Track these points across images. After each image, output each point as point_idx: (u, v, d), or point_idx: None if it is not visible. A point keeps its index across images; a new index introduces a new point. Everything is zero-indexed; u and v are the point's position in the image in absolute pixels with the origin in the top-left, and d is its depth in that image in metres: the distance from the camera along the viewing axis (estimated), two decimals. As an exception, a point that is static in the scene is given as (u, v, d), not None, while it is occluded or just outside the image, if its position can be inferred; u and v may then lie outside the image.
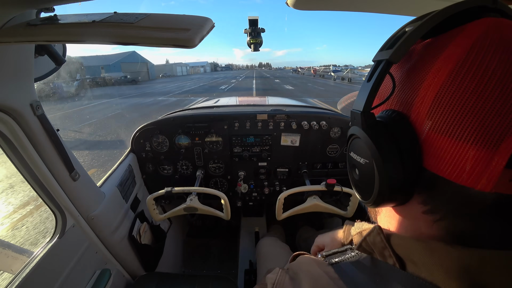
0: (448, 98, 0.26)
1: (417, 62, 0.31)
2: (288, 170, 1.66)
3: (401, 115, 0.30)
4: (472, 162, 0.24)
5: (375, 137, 0.30)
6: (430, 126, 0.27)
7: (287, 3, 0.70)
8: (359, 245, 0.37)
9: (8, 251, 1.02)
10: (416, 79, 0.30)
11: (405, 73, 0.32)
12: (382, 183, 0.30)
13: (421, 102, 0.28)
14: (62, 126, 6.33)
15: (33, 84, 0.76)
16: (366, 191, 0.34)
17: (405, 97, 0.31)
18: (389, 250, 0.31)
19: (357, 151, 0.34)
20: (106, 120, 8.45)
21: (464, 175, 0.24)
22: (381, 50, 0.33)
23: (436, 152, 0.26)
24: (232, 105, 2.14)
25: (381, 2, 0.74)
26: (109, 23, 0.51)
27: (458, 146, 0.25)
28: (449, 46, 0.28)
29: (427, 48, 0.31)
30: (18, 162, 0.80)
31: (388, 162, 0.29)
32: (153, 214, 1.27)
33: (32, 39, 0.55)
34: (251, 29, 0.90)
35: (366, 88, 0.31)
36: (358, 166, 0.34)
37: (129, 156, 1.52)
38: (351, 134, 0.35)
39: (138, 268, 1.32)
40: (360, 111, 0.31)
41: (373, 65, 0.32)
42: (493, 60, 0.24)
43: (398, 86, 0.32)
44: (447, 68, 0.26)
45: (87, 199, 1.01)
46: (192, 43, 0.47)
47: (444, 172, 0.26)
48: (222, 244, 2.17)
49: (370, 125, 0.31)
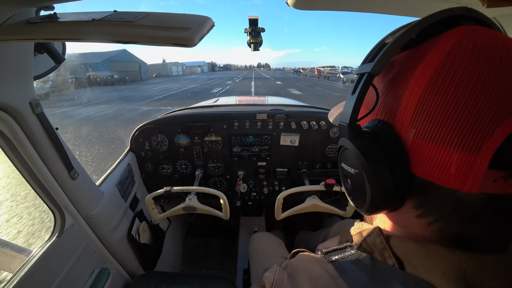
0: (429, 105, 0.27)
1: (398, 73, 0.32)
2: (288, 170, 1.66)
3: (387, 124, 0.31)
4: (456, 165, 0.25)
5: (363, 148, 0.31)
6: (414, 134, 0.28)
7: (287, 3, 0.71)
8: (359, 245, 0.37)
9: (6, 249, 1.02)
10: (398, 89, 0.31)
11: (387, 83, 0.33)
12: (374, 192, 0.31)
13: (404, 111, 0.29)
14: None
15: (32, 83, 0.76)
16: (359, 200, 0.35)
17: (389, 107, 0.32)
18: (389, 251, 0.32)
19: (348, 162, 0.35)
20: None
21: (451, 178, 0.25)
22: (363, 63, 0.34)
23: (422, 158, 0.27)
24: (231, 104, 2.14)
25: (381, 2, 0.74)
26: (109, 22, 0.50)
27: (442, 151, 0.26)
28: (426, 56, 0.29)
29: (407, 59, 0.32)
30: (17, 161, 0.80)
31: (377, 171, 0.30)
32: (152, 213, 1.27)
33: (32, 37, 0.54)
34: (251, 29, 0.90)
35: (351, 100, 0.32)
36: (350, 176, 0.35)
37: (128, 155, 1.51)
38: (341, 146, 0.36)
39: (137, 267, 1.32)
40: (347, 123, 0.32)
41: (356, 77, 0.34)
42: (468, 67, 0.25)
43: (382, 96, 0.34)
44: (426, 77, 0.28)
45: (86, 198, 1.01)
46: (191, 42, 0.47)
47: (432, 176, 0.27)
48: (221, 243, 2.17)
49: (357, 136, 0.32)
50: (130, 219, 1.31)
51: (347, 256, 0.40)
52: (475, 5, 0.67)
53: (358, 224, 0.41)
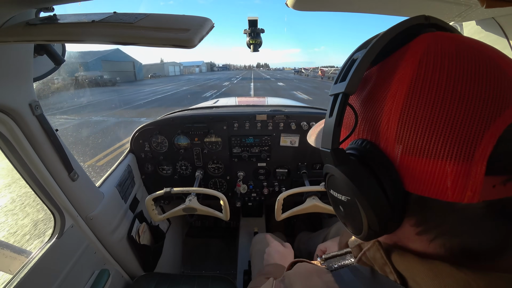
0: (411, 118, 0.26)
1: (373, 88, 0.31)
2: (287, 171, 1.66)
3: (371, 144, 0.30)
4: (452, 177, 0.24)
5: (351, 174, 0.29)
6: (402, 149, 0.26)
7: (287, 4, 0.71)
8: (358, 259, 0.36)
9: (6, 251, 1.02)
10: (376, 105, 0.30)
11: (364, 101, 0.32)
12: (370, 217, 0.29)
13: (386, 127, 0.28)
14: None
15: (32, 84, 0.76)
16: (355, 226, 0.32)
17: (370, 125, 0.30)
18: (389, 266, 0.31)
19: (337, 189, 0.33)
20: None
21: (448, 191, 0.24)
22: (335, 83, 0.33)
23: (415, 174, 0.26)
24: (231, 105, 2.14)
25: (379, 3, 0.74)
26: (109, 23, 0.51)
27: (434, 164, 0.24)
28: (399, 68, 0.28)
29: (379, 72, 0.32)
30: (17, 162, 0.80)
31: (370, 196, 0.28)
32: (152, 214, 1.27)
33: (31, 39, 0.55)
34: (250, 30, 0.90)
35: (329, 124, 0.31)
36: (341, 203, 0.33)
37: (128, 156, 1.51)
38: (326, 173, 0.34)
39: (137, 268, 1.32)
40: (329, 149, 0.30)
41: (330, 99, 0.32)
42: (442, 73, 0.25)
43: (361, 115, 0.32)
44: (403, 90, 0.27)
45: (86, 199, 1.01)
46: (191, 43, 0.47)
47: (428, 192, 0.25)
48: (221, 244, 2.17)
49: (342, 161, 0.30)
50: (130, 220, 1.31)
51: (347, 265, 0.39)
52: (475, 5, 0.68)
53: None
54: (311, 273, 0.41)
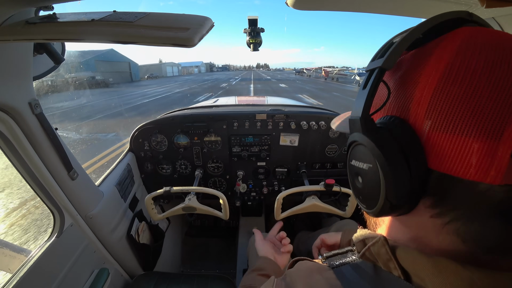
0: (445, 95, 0.26)
1: (408, 69, 0.32)
2: (287, 170, 1.66)
3: (400, 119, 0.30)
4: (477, 155, 0.24)
5: (378, 140, 0.29)
6: (430, 126, 0.27)
7: (287, 3, 0.71)
8: (362, 254, 0.36)
9: (5, 250, 1.02)
10: (409, 83, 0.31)
11: (398, 79, 0.33)
12: (389, 187, 0.29)
13: (417, 103, 0.28)
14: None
15: (31, 83, 0.76)
16: (370, 198, 0.32)
17: (401, 102, 0.31)
18: (394, 262, 0.31)
19: (360, 158, 0.33)
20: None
21: (471, 169, 0.24)
22: (373, 60, 0.34)
23: (440, 150, 0.26)
24: (231, 104, 2.14)
25: (379, 3, 0.74)
26: (108, 22, 0.50)
27: (461, 141, 0.25)
28: (438, 48, 0.29)
29: (416, 55, 0.32)
30: (16, 161, 0.80)
31: (394, 165, 0.28)
32: (152, 213, 1.27)
33: (31, 38, 0.54)
34: (250, 29, 0.90)
35: (362, 95, 0.31)
36: (361, 173, 0.33)
37: (128, 155, 1.51)
38: (352, 142, 0.34)
39: (136, 267, 1.32)
40: (359, 116, 0.31)
41: (366, 74, 0.33)
42: (480, 56, 0.25)
43: (393, 92, 0.33)
44: (440, 67, 0.27)
45: (85, 198, 1.01)
46: (191, 42, 0.47)
47: (451, 169, 0.25)
48: (221, 243, 2.17)
49: (371, 129, 0.31)
50: (130, 219, 1.31)
51: (348, 262, 0.39)
52: (475, 5, 0.68)
53: (361, 231, 0.39)
54: (312, 271, 0.41)
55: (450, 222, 0.28)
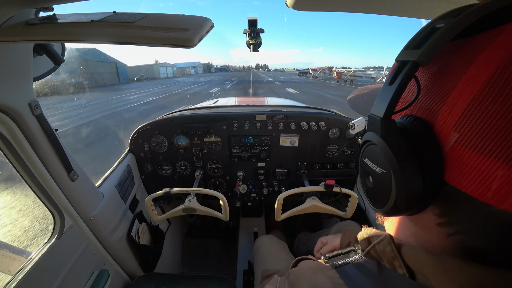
0: (482, 110, 0.23)
1: (446, 66, 0.28)
2: (287, 171, 1.66)
3: (424, 124, 0.28)
4: (500, 181, 0.22)
5: (395, 148, 0.28)
6: (457, 139, 0.24)
7: (287, 4, 0.71)
8: (367, 252, 0.35)
9: (5, 251, 1.01)
10: (444, 85, 0.27)
11: (431, 77, 0.29)
12: (399, 195, 0.28)
13: (449, 111, 0.26)
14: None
15: (31, 84, 0.76)
16: (379, 200, 0.32)
17: (430, 104, 0.28)
18: (399, 260, 0.30)
19: (373, 159, 0.31)
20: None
21: (489, 193, 0.23)
22: (406, 48, 0.29)
23: (461, 166, 0.24)
24: (231, 105, 2.14)
25: (378, 3, 0.74)
26: (108, 23, 0.51)
27: (486, 163, 0.23)
28: (486, 49, 0.24)
29: (459, 50, 0.27)
30: (16, 162, 0.80)
31: (408, 175, 0.27)
32: (152, 215, 1.27)
33: (31, 39, 0.54)
34: (250, 30, 0.90)
35: (388, 92, 0.28)
36: (373, 174, 0.32)
37: (128, 156, 1.51)
38: (367, 140, 0.32)
39: (136, 268, 1.32)
40: (381, 117, 0.29)
41: (396, 65, 0.29)
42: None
43: (423, 90, 0.29)
44: (484, 76, 0.23)
45: (85, 199, 1.00)
46: (191, 43, 0.47)
47: (468, 188, 0.24)
48: (221, 244, 2.17)
49: (389, 133, 0.28)
50: (130, 220, 1.30)
51: (351, 262, 0.39)
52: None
53: (366, 230, 0.39)
54: (315, 270, 0.41)
55: (455, 234, 0.27)
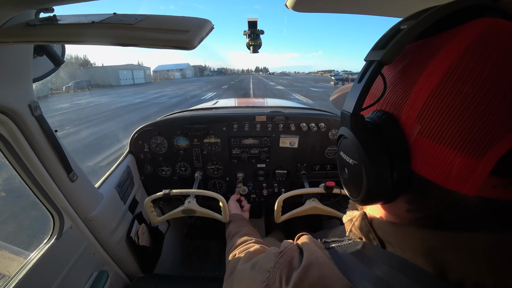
0: (438, 104, 0.26)
1: (409, 64, 0.31)
2: (287, 172, 1.66)
3: (391, 117, 0.30)
4: (458, 168, 0.24)
5: (364, 140, 0.30)
6: (419, 130, 0.27)
7: (287, 5, 0.71)
8: (349, 231, 0.39)
9: (4, 252, 1.01)
10: (407, 81, 0.29)
11: (396, 74, 0.32)
12: (370, 185, 0.31)
13: (411, 105, 0.28)
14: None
15: (31, 85, 0.76)
16: (354, 190, 0.35)
17: (396, 99, 0.30)
18: (372, 233, 0.35)
19: (346, 152, 0.34)
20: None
21: (450, 179, 0.25)
22: (373, 49, 0.32)
23: (424, 156, 0.27)
24: (230, 106, 2.14)
25: (377, 5, 0.74)
26: (109, 24, 0.51)
27: (445, 152, 0.25)
28: (442, 49, 0.27)
29: (420, 50, 0.30)
30: (16, 163, 0.79)
31: (376, 165, 0.29)
32: (151, 216, 1.26)
33: (31, 40, 0.54)
34: (250, 31, 0.90)
35: (357, 89, 0.31)
36: (347, 166, 0.35)
37: (128, 157, 1.51)
38: (341, 135, 0.35)
39: (136, 269, 1.32)
40: (350, 112, 0.31)
41: (364, 64, 0.32)
42: (485, 66, 0.24)
43: (389, 87, 0.32)
44: (440, 72, 0.26)
45: (85, 200, 1.00)
46: (191, 44, 0.47)
47: (431, 175, 0.27)
48: (221, 245, 2.17)
49: (359, 127, 0.31)
50: (129, 221, 1.30)
51: (343, 245, 0.41)
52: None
53: (349, 212, 0.43)
54: (315, 241, 0.44)
55: (422, 219, 0.31)
